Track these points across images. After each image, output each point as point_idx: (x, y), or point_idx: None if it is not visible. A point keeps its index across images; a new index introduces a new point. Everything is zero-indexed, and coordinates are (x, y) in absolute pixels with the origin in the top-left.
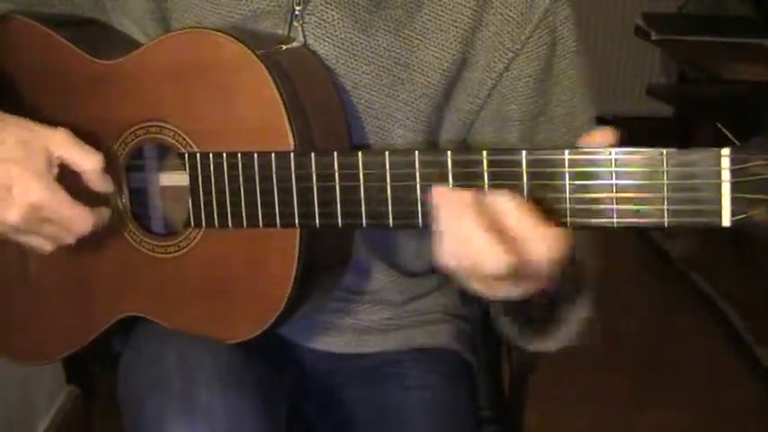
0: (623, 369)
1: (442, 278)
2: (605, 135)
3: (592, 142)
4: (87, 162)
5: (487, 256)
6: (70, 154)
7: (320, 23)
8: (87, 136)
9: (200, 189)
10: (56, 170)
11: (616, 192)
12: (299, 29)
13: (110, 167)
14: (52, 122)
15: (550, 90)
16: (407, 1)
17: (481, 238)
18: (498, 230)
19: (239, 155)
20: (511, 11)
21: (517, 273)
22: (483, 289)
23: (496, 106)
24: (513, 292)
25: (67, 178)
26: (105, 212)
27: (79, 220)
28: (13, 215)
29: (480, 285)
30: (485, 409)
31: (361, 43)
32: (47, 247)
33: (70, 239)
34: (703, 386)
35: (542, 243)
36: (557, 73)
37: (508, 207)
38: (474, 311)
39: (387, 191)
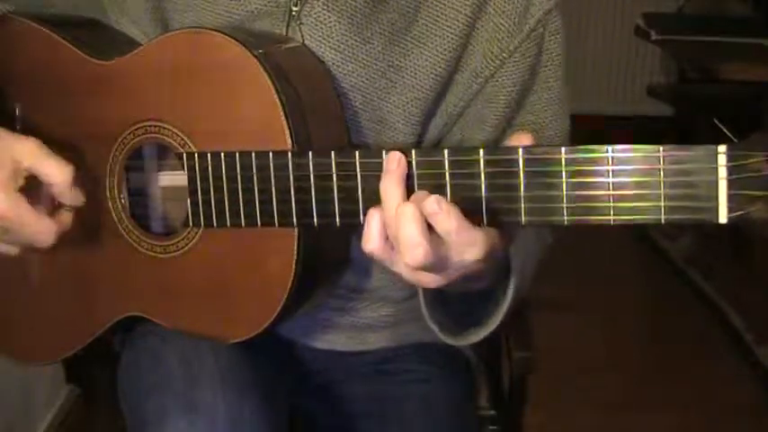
0: (623, 369)
1: None
2: (521, 138)
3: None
4: (56, 174)
5: (410, 245)
6: (38, 165)
7: (317, 25)
8: (86, 136)
9: (199, 189)
10: (21, 181)
11: (613, 189)
12: (297, 30)
13: (101, 171)
14: (51, 122)
15: (527, 99)
16: (405, 6)
17: (412, 227)
18: (428, 227)
19: (237, 154)
20: (503, 19)
21: (436, 268)
22: (405, 274)
23: (477, 110)
24: (434, 282)
25: (38, 187)
26: (66, 218)
27: (41, 233)
28: None
29: (402, 270)
30: (484, 408)
31: (358, 46)
32: (12, 252)
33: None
34: (703, 386)
35: (470, 245)
36: (537, 83)
37: (442, 208)
38: None
39: None
